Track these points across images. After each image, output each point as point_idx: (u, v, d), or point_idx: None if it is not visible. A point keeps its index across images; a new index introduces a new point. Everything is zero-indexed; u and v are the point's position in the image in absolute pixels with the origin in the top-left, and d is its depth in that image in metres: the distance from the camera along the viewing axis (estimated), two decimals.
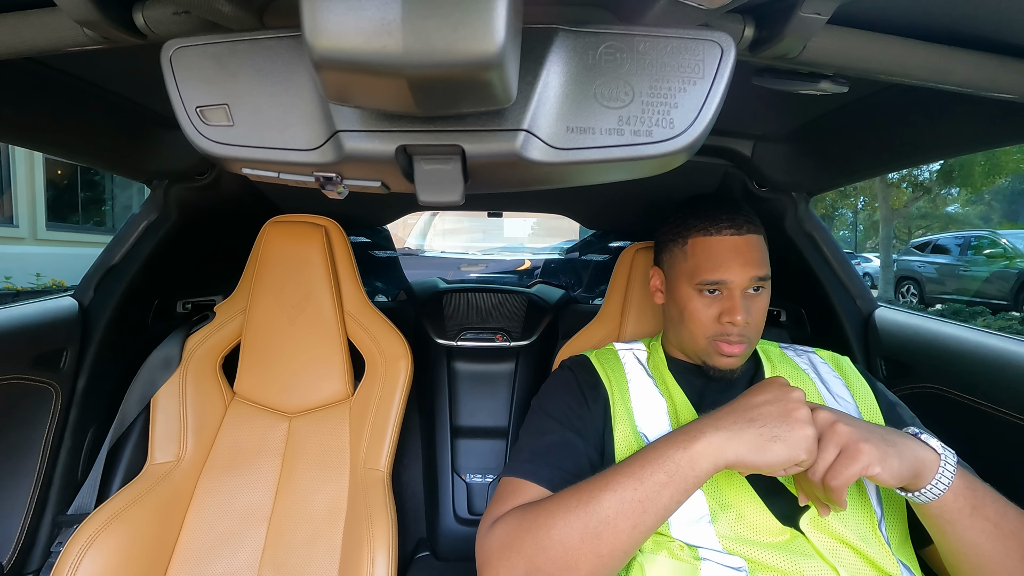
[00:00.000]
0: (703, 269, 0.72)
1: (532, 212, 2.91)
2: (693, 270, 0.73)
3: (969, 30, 0.46)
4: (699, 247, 0.73)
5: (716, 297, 0.72)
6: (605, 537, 0.52)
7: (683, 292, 0.75)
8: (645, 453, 0.55)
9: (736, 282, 0.70)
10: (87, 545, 0.80)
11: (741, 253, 0.71)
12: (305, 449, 1.01)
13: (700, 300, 0.73)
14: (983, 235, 8.23)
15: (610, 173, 0.41)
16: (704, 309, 0.72)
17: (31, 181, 6.06)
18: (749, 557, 0.57)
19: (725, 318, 0.70)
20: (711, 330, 0.72)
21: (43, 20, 0.44)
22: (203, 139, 0.38)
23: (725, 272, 0.70)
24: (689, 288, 0.74)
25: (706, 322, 0.72)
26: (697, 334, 0.73)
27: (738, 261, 0.71)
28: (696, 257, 0.73)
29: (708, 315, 0.72)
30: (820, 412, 0.55)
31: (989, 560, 0.53)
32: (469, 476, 1.32)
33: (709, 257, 0.72)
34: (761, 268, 0.72)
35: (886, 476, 0.51)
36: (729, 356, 0.71)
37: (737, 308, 0.69)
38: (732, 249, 0.71)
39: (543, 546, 0.53)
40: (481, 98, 0.33)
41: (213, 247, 1.23)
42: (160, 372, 1.02)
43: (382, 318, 1.08)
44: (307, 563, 0.92)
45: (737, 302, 0.70)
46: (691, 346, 0.75)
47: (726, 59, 0.36)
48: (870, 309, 1.07)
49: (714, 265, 0.71)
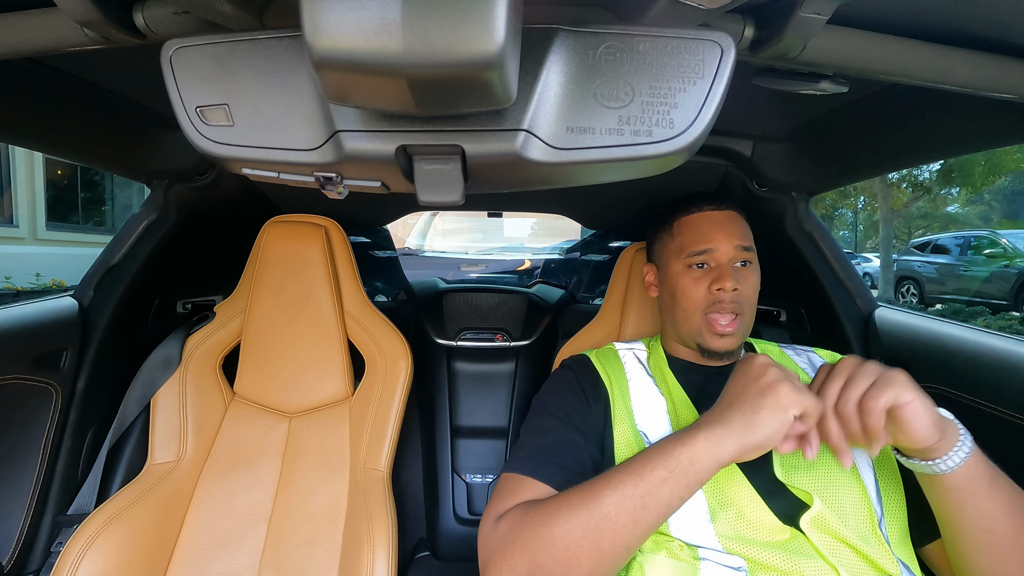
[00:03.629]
0: (689, 242, 0.77)
1: (532, 212, 2.91)
2: (680, 247, 0.78)
3: (969, 30, 0.46)
4: (684, 225, 0.79)
5: (705, 271, 0.76)
6: (606, 533, 0.52)
7: (673, 271, 0.78)
8: (646, 452, 0.56)
9: (722, 250, 0.75)
10: (87, 545, 0.80)
11: (723, 225, 0.76)
12: (305, 449, 1.01)
13: (689, 276, 0.76)
14: (983, 235, 8.23)
15: (610, 173, 0.41)
16: (694, 284, 0.75)
17: (31, 181, 6.05)
18: (749, 556, 0.58)
19: (715, 286, 0.73)
20: (703, 302, 0.74)
21: (43, 20, 0.44)
22: (203, 139, 0.38)
23: (710, 242, 0.75)
24: (678, 265, 0.77)
25: (697, 296, 0.75)
26: (690, 310, 0.75)
27: (721, 232, 0.75)
28: (682, 234, 0.78)
29: (699, 289, 0.75)
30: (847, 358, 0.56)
31: (1004, 537, 0.53)
32: (469, 476, 1.32)
33: (694, 231, 0.77)
34: (744, 238, 0.76)
35: (919, 410, 0.51)
36: (723, 335, 0.73)
37: (726, 275, 0.73)
38: (714, 222, 0.77)
39: (545, 543, 0.54)
40: (481, 98, 0.33)
41: (213, 247, 1.23)
42: (160, 372, 1.02)
43: (382, 318, 1.08)
44: (307, 563, 0.92)
45: (726, 270, 0.73)
46: (685, 327, 0.77)
47: (726, 59, 0.36)
48: (870, 309, 1.07)
49: (699, 237, 0.76)
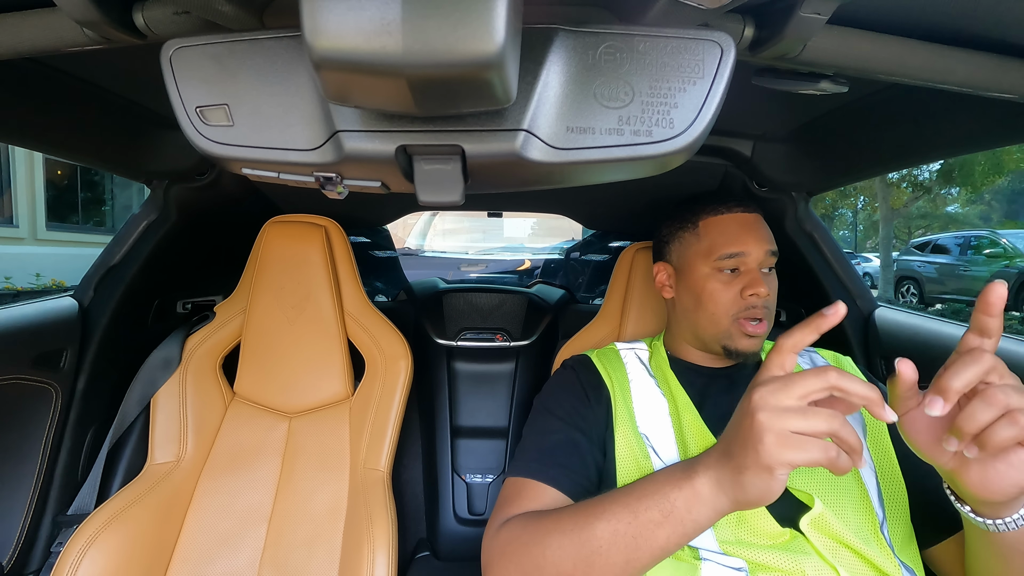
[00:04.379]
0: (719, 244, 0.73)
1: (532, 212, 2.92)
2: (709, 248, 0.74)
3: (969, 30, 0.46)
4: (712, 225, 0.75)
5: (735, 275, 0.73)
6: (597, 567, 0.49)
7: (699, 274, 0.75)
8: (643, 484, 0.51)
9: (754, 255, 0.72)
10: (87, 545, 0.80)
11: (753, 229, 0.73)
12: (305, 449, 1.01)
13: (719, 280, 0.73)
14: (983, 235, 8.23)
15: (610, 173, 0.41)
16: (724, 288, 0.72)
17: (31, 181, 6.05)
18: (749, 558, 0.57)
19: (748, 291, 0.70)
20: (734, 308, 0.72)
21: (43, 20, 0.44)
22: (203, 139, 0.38)
23: (742, 244, 0.72)
24: (706, 268, 0.74)
25: (728, 301, 0.72)
26: (720, 315, 0.72)
27: (752, 236, 0.72)
28: (711, 235, 0.75)
29: (729, 294, 0.72)
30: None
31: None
32: (469, 476, 1.32)
33: (723, 232, 0.73)
34: (772, 243, 0.74)
35: None
36: (753, 336, 0.71)
37: (759, 281, 0.70)
38: (745, 224, 0.73)
39: (538, 564, 0.53)
40: (481, 98, 0.33)
41: (213, 247, 1.23)
42: (160, 372, 1.02)
43: (382, 318, 1.08)
44: (307, 563, 0.92)
45: (757, 276, 0.71)
46: (711, 330, 0.74)
47: (726, 59, 0.36)
48: (870, 309, 1.07)
49: (730, 239, 0.72)
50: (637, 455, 0.67)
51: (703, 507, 0.47)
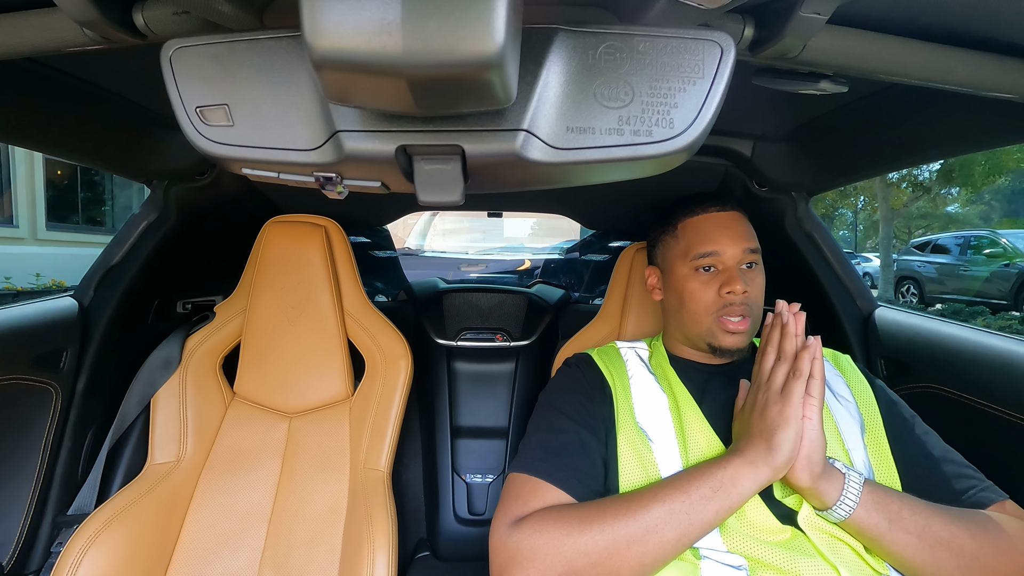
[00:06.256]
0: (695, 244, 0.75)
1: (532, 212, 2.91)
2: (686, 249, 0.76)
3: (969, 30, 0.46)
4: (689, 227, 0.77)
5: (713, 274, 0.75)
6: (651, 544, 0.54)
7: (679, 275, 0.77)
8: (687, 472, 0.59)
9: (729, 253, 0.74)
10: (87, 545, 0.80)
11: (729, 227, 0.75)
12: (305, 449, 1.01)
13: (697, 280, 0.75)
14: (983, 235, 8.22)
15: (610, 173, 0.41)
16: (703, 288, 0.74)
17: (31, 181, 6.05)
18: (749, 555, 0.58)
19: (725, 289, 0.72)
20: (714, 306, 0.73)
21: (43, 20, 0.44)
22: (203, 139, 0.38)
23: (716, 243, 0.74)
24: (685, 268, 0.76)
25: (707, 300, 0.74)
26: (700, 313, 0.74)
27: (727, 234, 0.74)
28: (687, 236, 0.77)
29: (708, 293, 0.74)
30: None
31: (922, 571, 0.55)
32: (469, 476, 1.32)
33: (699, 232, 0.76)
34: (751, 240, 0.75)
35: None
36: (735, 332, 0.72)
37: (735, 278, 0.72)
38: (720, 223, 0.75)
39: (585, 550, 0.54)
40: (481, 98, 0.33)
41: (213, 247, 1.23)
42: (160, 372, 1.02)
43: (382, 318, 1.08)
44: (307, 563, 0.92)
45: (734, 273, 0.73)
46: (695, 329, 0.76)
47: (726, 59, 0.36)
48: (870, 309, 1.07)
49: (705, 239, 0.75)
50: (639, 448, 0.68)
51: (745, 479, 0.56)
